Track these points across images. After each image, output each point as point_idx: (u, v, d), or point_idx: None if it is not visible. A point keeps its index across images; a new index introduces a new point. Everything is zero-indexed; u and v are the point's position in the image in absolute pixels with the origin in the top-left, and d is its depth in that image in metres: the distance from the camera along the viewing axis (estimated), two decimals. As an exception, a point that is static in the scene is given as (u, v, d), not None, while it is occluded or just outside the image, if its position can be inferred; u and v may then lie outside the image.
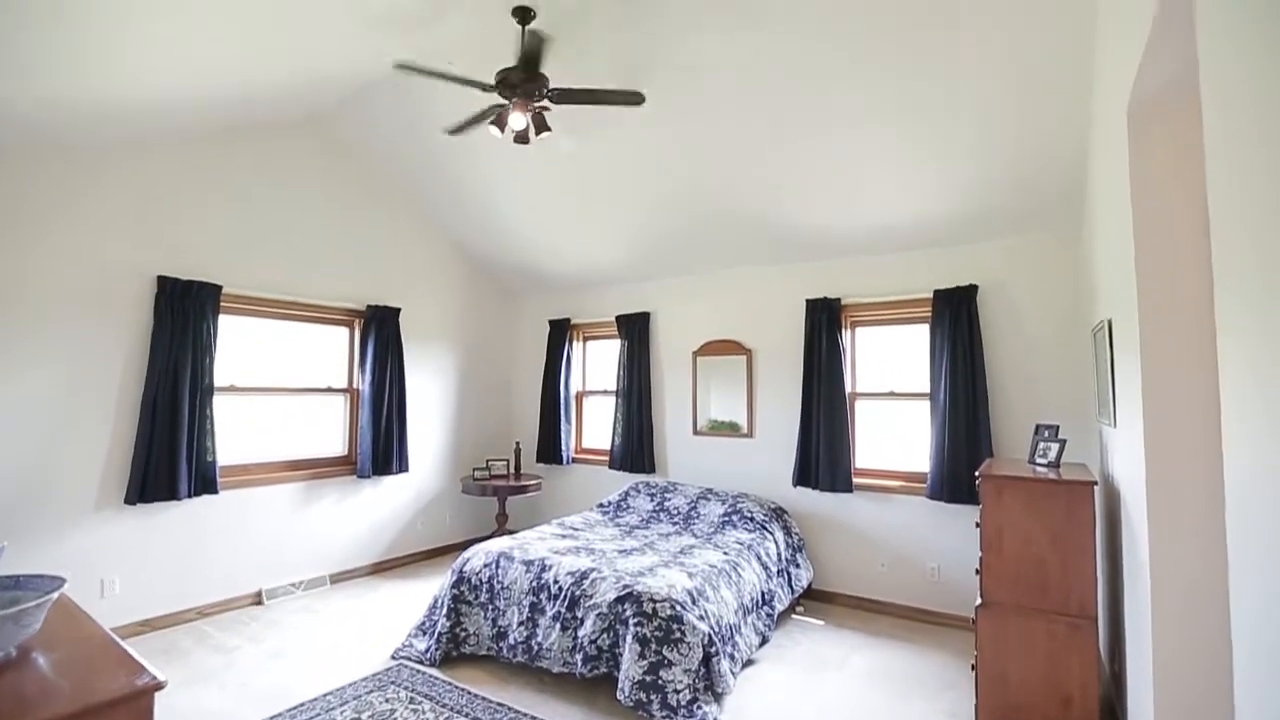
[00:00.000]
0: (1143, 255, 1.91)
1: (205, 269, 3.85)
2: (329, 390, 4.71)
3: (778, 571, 3.78)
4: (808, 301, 4.40)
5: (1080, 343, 3.51)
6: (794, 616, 3.99)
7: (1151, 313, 1.92)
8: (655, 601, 2.75)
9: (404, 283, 5.09)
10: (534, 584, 3.09)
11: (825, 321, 4.30)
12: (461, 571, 3.33)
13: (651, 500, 4.51)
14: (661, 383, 5.19)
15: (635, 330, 5.24)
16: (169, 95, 3.17)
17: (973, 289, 3.84)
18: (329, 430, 4.73)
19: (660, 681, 2.59)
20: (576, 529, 4.00)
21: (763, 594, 3.48)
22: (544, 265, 5.47)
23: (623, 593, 2.82)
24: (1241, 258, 0.94)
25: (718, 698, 2.81)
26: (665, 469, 5.13)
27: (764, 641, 3.33)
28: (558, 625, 2.91)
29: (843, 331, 4.31)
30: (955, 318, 3.85)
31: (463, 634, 3.20)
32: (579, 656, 2.81)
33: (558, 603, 2.96)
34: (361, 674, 3.09)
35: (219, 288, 3.83)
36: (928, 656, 3.45)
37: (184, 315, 3.67)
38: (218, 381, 3.87)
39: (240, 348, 4.16)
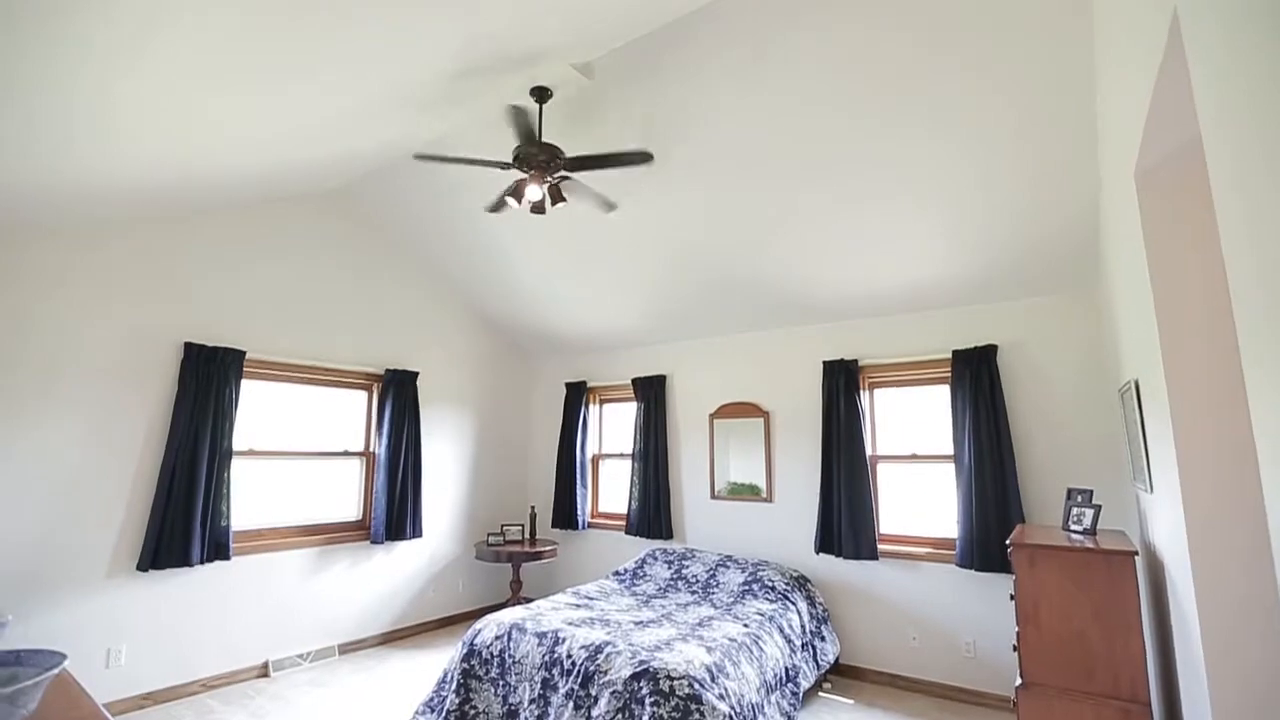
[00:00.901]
0: (1164, 317, 1.88)
1: (231, 335, 3.95)
2: (345, 454, 4.72)
3: (802, 645, 3.60)
4: (825, 363, 4.37)
5: (1107, 403, 3.43)
6: (821, 694, 3.77)
7: (1178, 376, 1.87)
8: (673, 679, 2.61)
9: (422, 347, 5.17)
10: (547, 658, 2.97)
11: (843, 383, 4.26)
12: (472, 644, 3.22)
13: (669, 568, 4.37)
14: (679, 446, 5.13)
15: (652, 393, 5.23)
16: (211, 172, 3.34)
17: (992, 349, 3.80)
18: (344, 495, 4.71)
19: (679, 768, 2.44)
20: (592, 598, 3.88)
21: (786, 670, 3.30)
22: (561, 328, 5.54)
23: (639, 669, 2.70)
24: (1263, 320, 0.92)
25: (741, 787, 2.62)
26: (683, 534, 5.00)
27: (789, 722, 3.14)
28: (571, 703, 2.77)
29: (861, 393, 4.26)
30: (976, 377, 3.79)
31: (472, 712, 3.06)
32: (593, 739, 2.66)
33: (571, 679, 2.83)
34: (366, 755, 2.95)
35: (243, 353, 3.92)
36: (967, 742, 3.22)
37: (208, 381, 3.75)
38: (236, 446, 3.90)
39: (259, 412, 4.21)
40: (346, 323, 4.64)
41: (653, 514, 5.01)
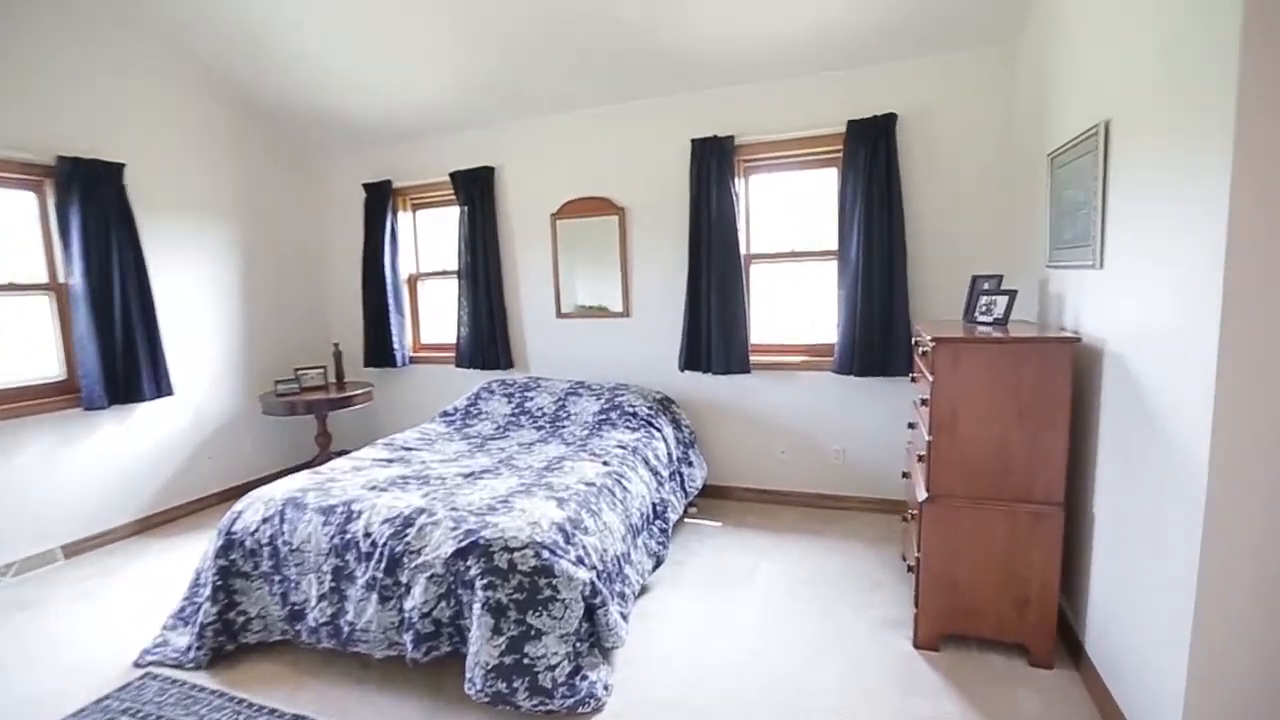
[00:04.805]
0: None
1: None
2: (11, 288, 3.17)
3: (670, 475, 3.12)
4: (693, 142, 3.48)
5: (1019, 177, 2.94)
6: (687, 520, 3.42)
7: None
8: (513, 551, 1.92)
9: (128, 127, 3.46)
10: (336, 541, 2.14)
11: (715, 167, 3.43)
12: (229, 533, 2.29)
13: (509, 402, 3.62)
14: (514, 256, 4.14)
15: (477, 191, 4.07)
16: None
17: (891, 118, 3.12)
18: (28, 347, 3.24)
19: (525, 661, 1.83)
20: (410, 449, 3.04)
21: (654, 506, 2.80)
22: (351, 109, 4.01)
23: (465, 542, 1.97)
24: None
25: (606, 654, 2.13)
26: (525, 362, 4.21)
27: (658, 563, 2.69)
28: (374, 596, 2.02)
29: (736, 179, 3.48)
30: (872, 155, 3.13)
31: (240, 618, 2.23)
32: (409, 636, 1.97)
33: (371, 565, 2.05)
34: (86, 698, 2.05)
35: None
36: (843, 550, 3.02)
37: None
38: None
39: None
40: (-50, 72, 2.84)
41: (487, 341, 4.12)
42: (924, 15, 2.83)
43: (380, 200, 4.38)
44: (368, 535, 2.10)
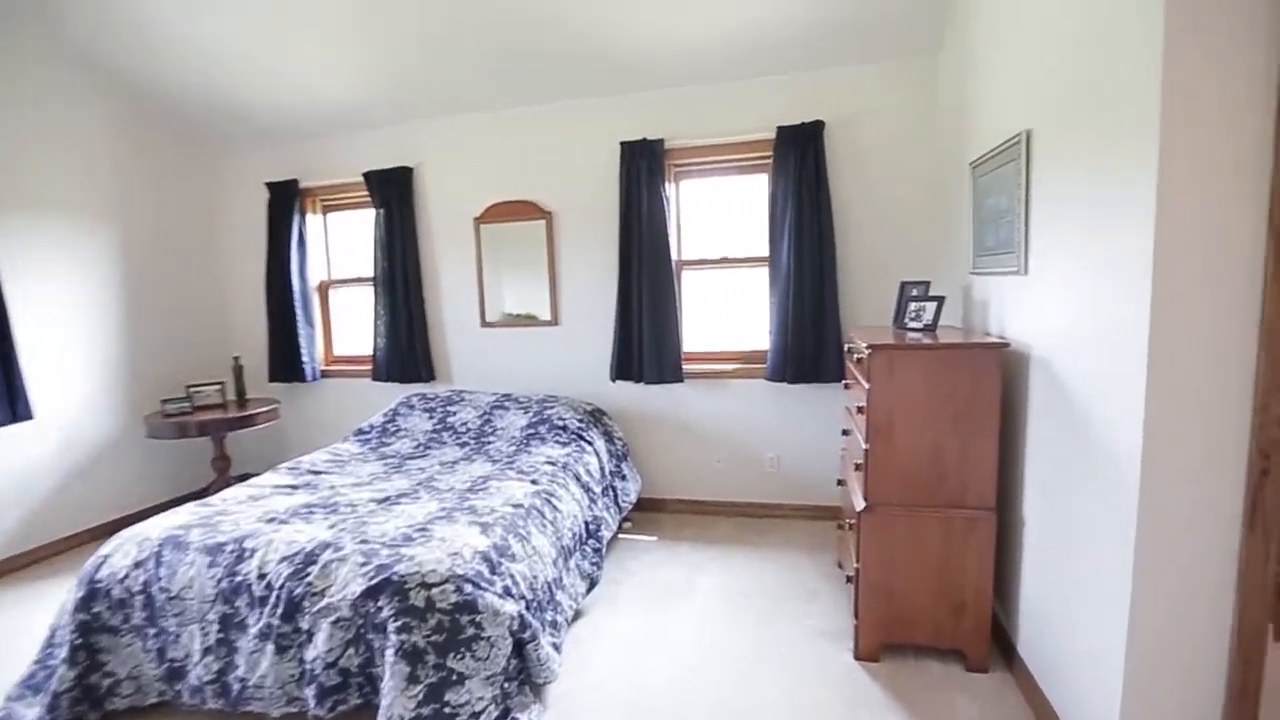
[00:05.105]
0: None
1: None
2: None
3: (603, 491, 2.98)
4: (623, 145, 3.38)
5: (943, 186, 3.00)
6: (622, 536, 3.30)
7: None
8: (430, 587, 1.74)
9: (-33, 109, 3.01)
10: (224, 585, 1.88)
11: (646, 171, 3.34)
12: (93, 581, 1.97)
13: (430, 417, 3.38)
14: (436, 262, 3.91)
15: (394, 192, 3.81)
16: None
17: (819, 125, 3.13)
18: None
19: (447, 710, 1.64)
20: (318, 472, 2.77)
21: (587, 525, 2.66)
22: (253, 101, 3.66)
23: (375, 580, 1.76)
24: None
25: (538, 690, 1.97)
26: (448, 375, 3.97)
27: (592, 585, 2.55)
28: (269, 647, 1.78)
29: (666, 184, 3.40)
30: (801, 161, 3.13)
31: (107, 682, 1.92)
32: (311, 690, 1.74)
33: (266, 611, 1.81)
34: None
35: None
36: (779, 559, 2.98)
37: None
38: None
39: None
40: None
41: (406, 352, 3.86)
42: (849, 25, 2.86)
43: (286, 201, 4.04)
44: (262, 577, 1.85)
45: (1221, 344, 1.30)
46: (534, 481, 2.55)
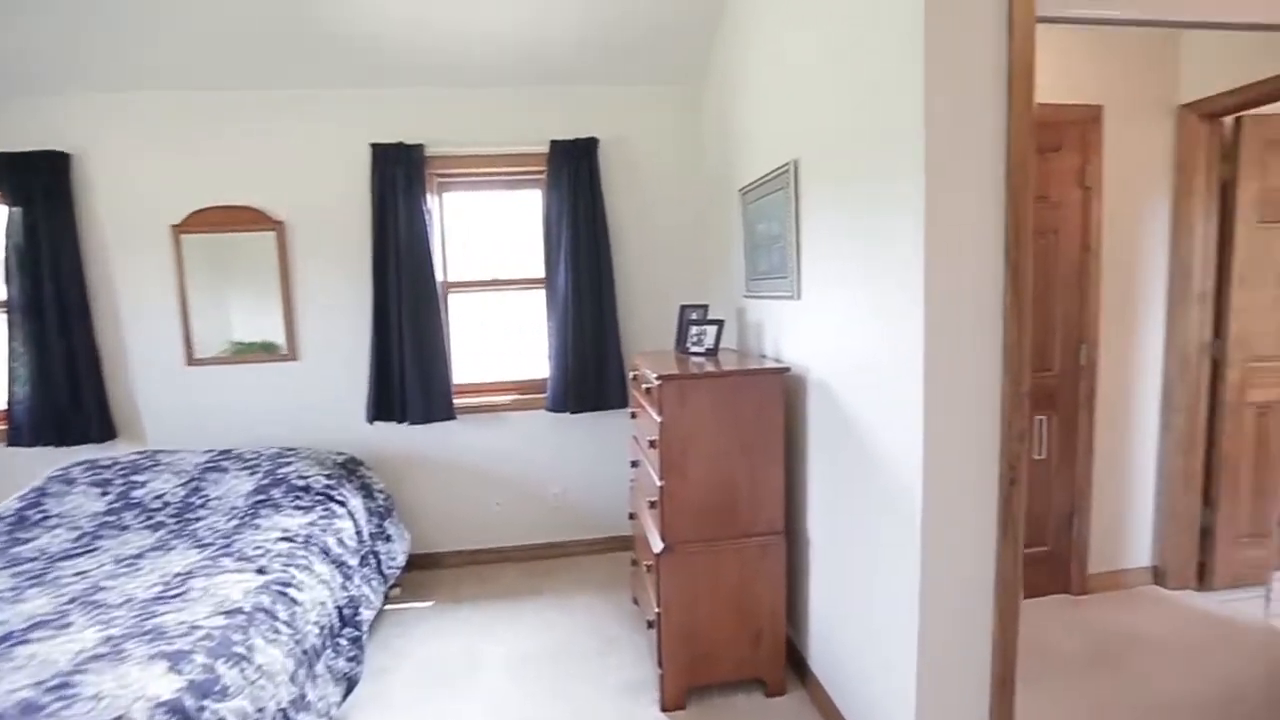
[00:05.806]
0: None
1: None
2: None
3: (361, 561, 2.45)
4: (374, 148, 2.91)
5: (713, 211, 3.08)
6: (389, 608, 2.78)
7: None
8: (69, 775, 1.14)
9: None
10: None
11: (403, 179, 2.91)
12: None
13: (103, 493, 2.49)
14: (114, 281, 2.95)
15: (38, 187, 2.80)
16: None
17: (593, 142, 3.02)
18: None
19: None
20: (-117, 601, 1.80)
21: (340, 610, 2.13)
22: None
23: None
24: None
25: None
26: (137, 431, 3.02)
27: (351, 687, 2.04)
28: None
29: (428, 195, 3.00)
30: (575, 177, 2.98)
31: None
32: None
33: None
34: None
35: None
36: (572, 605, 2.75)
37: None
38: None
39: None
40: None
41: (66, 403, 2.84)
42: (616, 44, 2.80)
43: None
44: None
45: (983, 368, 1.39)
46: (260, 570, 1.95)
